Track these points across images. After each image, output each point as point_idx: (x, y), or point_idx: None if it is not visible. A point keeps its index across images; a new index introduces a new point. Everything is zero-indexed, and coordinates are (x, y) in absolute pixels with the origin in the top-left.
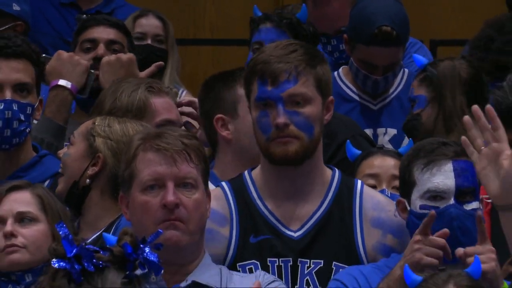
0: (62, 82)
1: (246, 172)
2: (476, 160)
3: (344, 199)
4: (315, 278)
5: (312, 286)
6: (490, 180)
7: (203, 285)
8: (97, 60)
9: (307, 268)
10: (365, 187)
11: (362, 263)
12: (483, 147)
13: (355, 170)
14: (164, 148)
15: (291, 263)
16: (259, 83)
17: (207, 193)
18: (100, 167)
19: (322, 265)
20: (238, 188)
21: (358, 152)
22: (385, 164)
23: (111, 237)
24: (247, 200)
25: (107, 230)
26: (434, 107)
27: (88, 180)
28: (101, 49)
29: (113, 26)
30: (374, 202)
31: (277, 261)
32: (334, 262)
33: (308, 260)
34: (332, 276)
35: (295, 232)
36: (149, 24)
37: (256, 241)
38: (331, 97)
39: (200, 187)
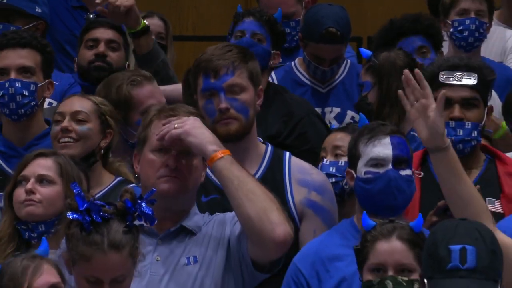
0: None
1: None
2: (409, 111)
3: (276, 166)
4: None
5: None
6: (421, 128)
7: (188, 229)
8: (98, 56)
9: None
10: (292, 157)
11: (292, 215)
12: (415, 102)
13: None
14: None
15: None
16: (204, 77)
17: (204, 161)
18: (109, 141)
19: None
20: None
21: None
22: (332, 137)
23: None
24: None
25: (115, 190)
26: (376, 90)
27: (102, 150)
28: (101, 47)
29: (112, 28)
30: (300, 167)
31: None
32: None
33: None
34: None
35: None
36: (154, 23)
37: (206, 200)
38: (261, 87)
39: (199, 156)
